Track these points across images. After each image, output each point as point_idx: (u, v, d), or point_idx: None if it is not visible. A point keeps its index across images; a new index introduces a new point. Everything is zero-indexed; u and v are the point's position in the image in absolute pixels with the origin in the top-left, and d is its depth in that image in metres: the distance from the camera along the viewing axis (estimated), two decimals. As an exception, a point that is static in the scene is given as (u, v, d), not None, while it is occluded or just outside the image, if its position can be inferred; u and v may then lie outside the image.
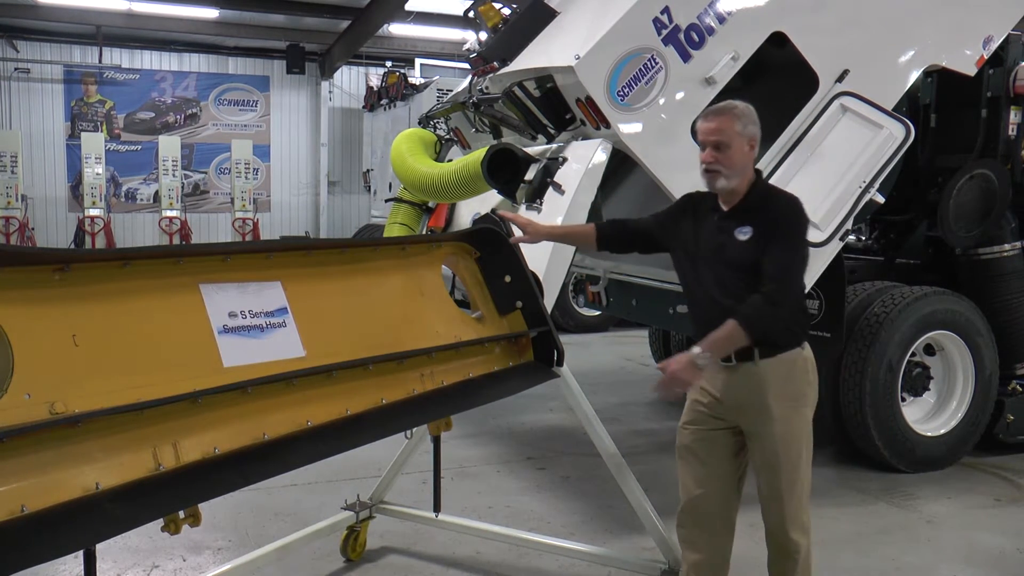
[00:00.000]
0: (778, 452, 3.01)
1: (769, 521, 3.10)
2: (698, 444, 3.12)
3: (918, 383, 5.53)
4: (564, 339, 3.60)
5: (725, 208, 3.03)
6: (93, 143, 15.95)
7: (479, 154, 4.62)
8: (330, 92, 19.16)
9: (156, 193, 17.20)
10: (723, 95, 4.46)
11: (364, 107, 16.45)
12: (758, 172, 3.07)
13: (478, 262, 3.61)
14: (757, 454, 3.07)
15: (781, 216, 2.96)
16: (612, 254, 3.57)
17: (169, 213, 16.30)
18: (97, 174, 15.70)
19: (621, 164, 4.74)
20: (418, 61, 16.92)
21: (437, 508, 4.12)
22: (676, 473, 3.20)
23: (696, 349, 2.82)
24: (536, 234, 3.44)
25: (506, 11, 5.43)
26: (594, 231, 3.41)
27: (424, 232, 5.59)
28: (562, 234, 3.67)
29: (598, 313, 9.76)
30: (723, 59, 4.42)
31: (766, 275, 2.88)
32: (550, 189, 4.39)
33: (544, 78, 4.56)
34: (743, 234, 2.94)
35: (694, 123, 3.25)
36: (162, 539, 4.07)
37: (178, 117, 18.27)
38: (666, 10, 4.31)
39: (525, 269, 3.56)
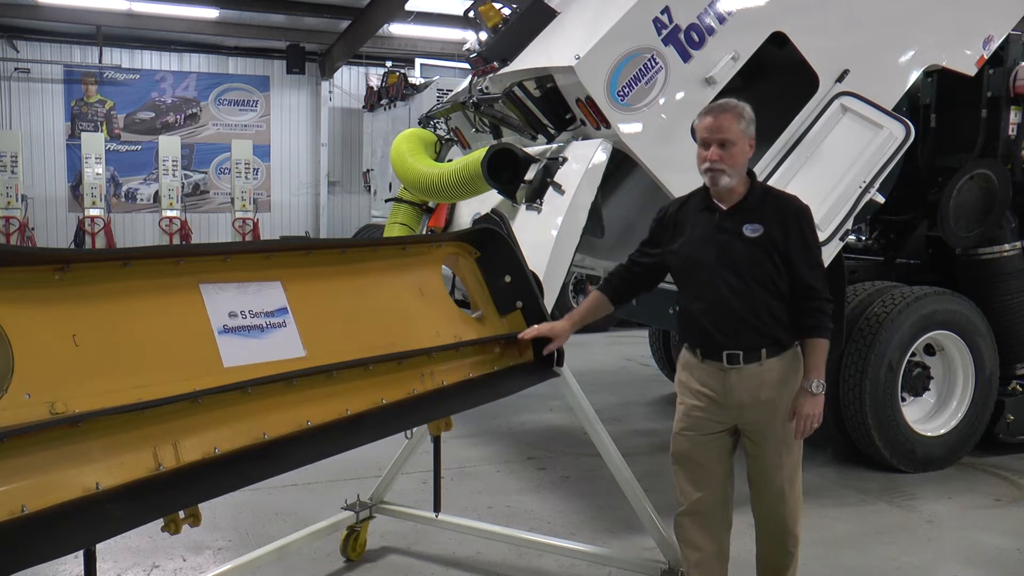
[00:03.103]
0: (781, 447, 3.06)
1: (769, 518, 3.12)
2: (696, 449, 3.13)
3: (918, 383, 5.52)
4: (564, 339, 3.59)
5: (724, 207, 3.05)
6: (93, 143, 15.96)
7: (479, 154, 4.62)
8: (330, 92, 19.16)
9: (156, 193, 17.22)
10: (723, 95, 4.47)
11: (364, 107, 16.47)
12: (751, 171, 3.12)
13: (478, 262, 3.60)
14: (761, 452, 3.09)
15: (802, 218, 3.05)
16: (614, 257, 3.56)
17: (169, 213, 16.31)
18: (97, 174, 15.71)
19: (621, 164, 4.74)
20: (418, 61, 16.94)
21: (437, 508, 4.12)
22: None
23: (814, 384, 3.00)
24: (565, 334, 3.42)
25: (506, 11, 5.43)
26: (604, 295, 3.38)
27: (424, 232, 5.59)
28: (581, 317, 3.51)
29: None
30: (723, 59, 4.43)
31: (808, 283, 3.00)
32: (550, 189, 4.39)
33: (544, 78, 4.56)
34: (753, 231, 2.99)
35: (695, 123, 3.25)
36: (162, 539, 4.07)
37: (178, 117, 18.26)
38: (666, 10, 4.31)
39: (525, 269, 3.56)
